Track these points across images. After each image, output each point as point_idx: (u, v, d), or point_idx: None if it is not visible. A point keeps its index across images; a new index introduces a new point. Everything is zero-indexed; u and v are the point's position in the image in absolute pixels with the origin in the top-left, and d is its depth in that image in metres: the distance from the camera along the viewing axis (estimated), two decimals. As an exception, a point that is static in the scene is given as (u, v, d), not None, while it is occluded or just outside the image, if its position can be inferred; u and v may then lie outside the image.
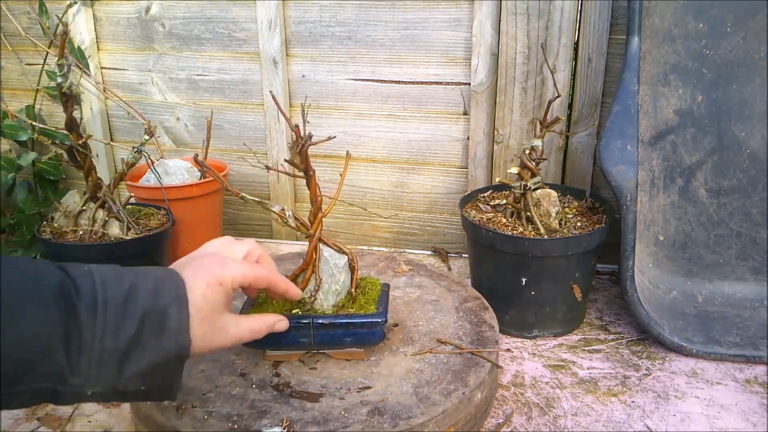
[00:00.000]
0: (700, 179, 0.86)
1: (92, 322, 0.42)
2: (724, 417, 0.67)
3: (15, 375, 0.40)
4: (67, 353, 0.41)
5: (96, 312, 0.42)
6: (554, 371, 0.76)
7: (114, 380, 0.44)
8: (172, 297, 0.47)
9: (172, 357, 0.46)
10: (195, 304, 0.48)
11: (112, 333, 0.43)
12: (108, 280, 0.44)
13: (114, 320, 0.43)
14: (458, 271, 1.05)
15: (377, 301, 0.67)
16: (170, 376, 0.48)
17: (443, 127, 1.07)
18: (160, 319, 0.45)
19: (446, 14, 1.01)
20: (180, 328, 0.46)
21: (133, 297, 0.45)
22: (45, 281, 0.42)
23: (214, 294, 0.50)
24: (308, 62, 1.10)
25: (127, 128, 1.25)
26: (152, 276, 0.47)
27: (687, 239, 0.87)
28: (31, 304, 0.40)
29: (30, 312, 0.40)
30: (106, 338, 0.42)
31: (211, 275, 0.51)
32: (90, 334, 0.42)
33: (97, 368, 0.42)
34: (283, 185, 1.18)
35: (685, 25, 0.83)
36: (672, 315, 0.82)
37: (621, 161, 0.78)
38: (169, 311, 0.46)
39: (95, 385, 0.43)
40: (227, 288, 0.52)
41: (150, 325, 0.45)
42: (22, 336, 0.39)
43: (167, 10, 1.13)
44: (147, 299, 0.45)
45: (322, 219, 0.65)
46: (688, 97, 0.85)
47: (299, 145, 0.59)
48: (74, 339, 0.41)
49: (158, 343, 0.45)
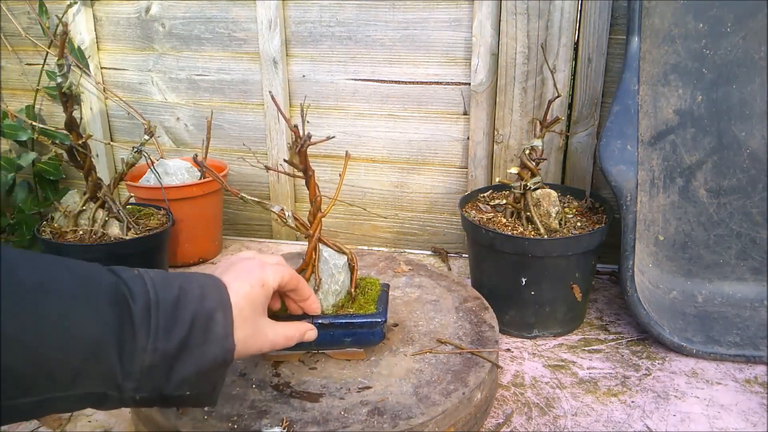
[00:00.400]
0: (700, 179, 0.86)
1: (146, 324, 0.41)
2: (724, 417, 0.67)
3: (69, 378, 0.39)
4: (120, 356, 0.40)
5: (149, 314, 0.42)
6: (554, 371, 0.76)
7: (162, 385, 0.43)
8: (217, 301, 0.47)
9: (218, 361, 0.46)
10: (237, 305, 0.48)
11: (163, 336, 0.42)
12: (158, 282, 0.44)
13: (166, 323, 0.42)
14: (458, 271, 1.05)
15: (377, 301, 0.67)
16: (214, 380, 0.47)
17: (443, 127, 1.07)
18: (207, 323, 0.45)
19: (446, 14, 1.01)
20: (225, 333, 0.46)
21: (183, 300, 0.44)
22: (99, 283, 0.41)
23: (257, 296, 0.50)
24: (308, 62, 1.10)
25: (127, 128, 1.25)
26: (197, 280, 0.47)
27: (687, 239, 0.87)
28: (87, 305, 0.40)
29: (86, 313, 0.39)
30: (159, 341, 0.42)
31: (253, 276, 0.51)
32: (144, 337, 0.41)
33: (148, 372, 0.42)
34: (283, 185, 1.18)
35: (685, 25, 0.83)
36: (672, 315, 0.82)
37: (621, 161, 0.78)
38: (215, 315, 0.46)
39: (144, 390, 0.42)
40: (268, 289, 0.52)
41: (198, 330, 0.44)
42: (78, 338, 0.38)
43: (167, 10, 1.13)
44: (195, 303, 0.45)
45: (321, 219, 0.65)
46: (688, 97, 0.85)
47: (298, 145, 0.59)
48: (128, 342, 0.41)
49: (205, 347, 0.44)
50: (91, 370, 0.39)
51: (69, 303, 0.39)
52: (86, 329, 0.39)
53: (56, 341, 0.37)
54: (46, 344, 0.37)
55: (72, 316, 0.39)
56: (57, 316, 0.38)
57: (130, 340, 0.41)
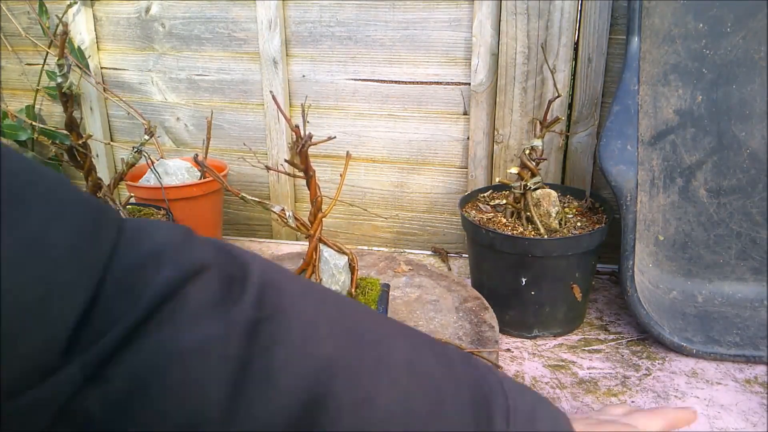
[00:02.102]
0: (700, 179, 0.86)
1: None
2: (724, 417, 0.67)
3: None
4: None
5: (507, 423, 0.36)
6: (554, 371, 0.76)
7: None
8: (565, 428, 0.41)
9: None
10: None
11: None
12: (512, 387, 0.38)
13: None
14: (458, 271, 1.05)
15: (377, 301, 0.67)
16: None
17: (443, 127, 1.07)
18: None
19: (446, 14, 1.01)
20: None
21: (540, 413, 0.39)
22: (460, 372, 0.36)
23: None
24: (308, 62, 1.10)
25: (127, 128, 1.25)
26: (546, 401, 0.41)
27: (687, 239, 0.87)
28: (447, 404, 0.34)
29: (449, 414, 0.34)
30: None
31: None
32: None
33: None
34: (283, 185, 1.18)
35: (685, 25, 0.83)
36: (672, 315, 0.82)
37: (621, 161, 0.78)
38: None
39: None
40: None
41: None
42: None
43: (167, 10, 1.13)
44: (548, 420, 0.39)
45: (322, 219, 0.65)
46: (688, 97, 0.85)
47: (299, 146, 0.59)
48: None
49: None
50: None
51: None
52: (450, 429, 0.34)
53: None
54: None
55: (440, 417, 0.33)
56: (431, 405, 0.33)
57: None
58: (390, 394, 0.32)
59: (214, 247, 0.33)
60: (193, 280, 0.30)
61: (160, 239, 0.31)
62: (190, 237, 0.33)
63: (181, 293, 0.29)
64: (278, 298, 0.32)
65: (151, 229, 0.31)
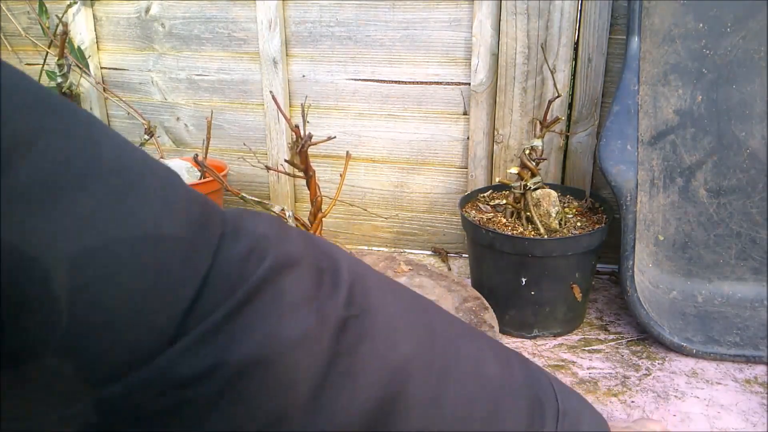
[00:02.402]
0: (700, 179, 0.86)
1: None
2: (724, 417, 0.67)
3: None
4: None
5: (557, 424, 0.36)
6: (554, 371, 0.76)
7: None
8: None
9: None
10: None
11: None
12: (561, 389, 0.39)
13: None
14: (458, 271, 1.05)
15: (377, 301, 0.67)
16: None
17: (443, 127, 1.07)
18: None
19: (446, 14, 1.01)
20: None
21: (584, 416, 0.39)
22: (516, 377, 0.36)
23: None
24: (308, 62, 1.10)
25: (127, 128, 1.25)
26: (589, 405, 0.42)
27: (687, 239, 0.87)
28: (506, 404, 0.34)
29: (507, 415, 0.34)
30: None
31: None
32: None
33: None
34: (283, 185, 1.18)
35: (685, 25, 0.83)
36: (672, 315, 0.82)
37: (621, 161, 0.78)
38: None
39: None
40: None
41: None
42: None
43: (167, 10, 1.13)
44: (593, 423, 0.39)
45: (322, 219, 0.65)
46: (688, 97, 0.85)
47: (299, 145, 0.59)
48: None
49: None
50: None
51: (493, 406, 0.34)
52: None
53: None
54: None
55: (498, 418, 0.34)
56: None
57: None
58: (456, 394, 0.32)
59: (305, 240, 0.33)
60: (288, 272, 0.29)
61: (260, 231, 0.31)
62: (285, 228, 0.33)
63: (279, 283, 0.29)
64: (365, 294, 0.32)
65: (250, 221, 0.32)
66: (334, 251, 0.34)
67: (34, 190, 0.23)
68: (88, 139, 0.26)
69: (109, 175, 0.25)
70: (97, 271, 0.24)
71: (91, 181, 0.25)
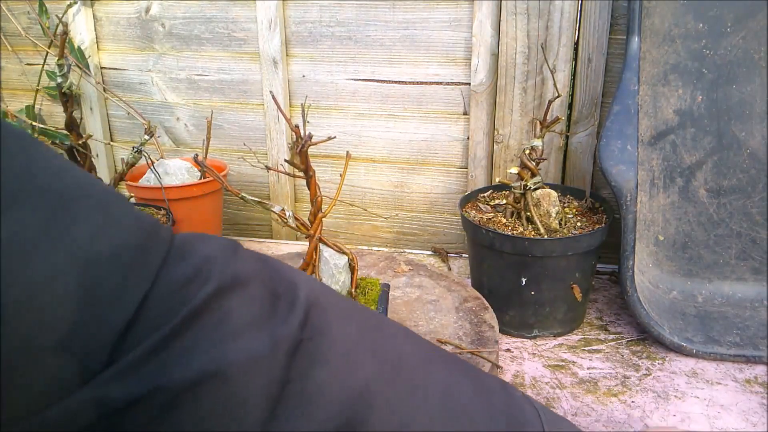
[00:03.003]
0: (700, 179, 0.86)
1: None
2: (724, 417, 0.67)
3: None
4: None
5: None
6: (554, 371, 0.76)
7: None
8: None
9: None
10: None
11: None
12: (549, 418, 0.38)
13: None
14: (458, 271, 1.05)
15: (377, 301, 0.67)
16: None
17: (443, 127, 1.07)
18: None
19: (446, 14, 1.01)
20: None
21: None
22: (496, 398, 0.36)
23: None
24: (308, 62, 1.10)
25: (127, 128, 1.25)
26: (579, 430, 0.42)
27: (687, 239, 0.87)
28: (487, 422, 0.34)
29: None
30: None
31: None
32: None
33: None
34: (283, 185, 1.18)
35: (685, 25, 0.83)
36: (672, 315, 0.82)
37: (621, 161, 0.78)
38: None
39: None
40: None
41: None
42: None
43: (167, 10, 1.13)
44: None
45: (322, 219, 0.65)
46: (688, 97, 0.85)
47: (299, 145, 0.59)
48: None
49: None
50: None
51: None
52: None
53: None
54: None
55: None
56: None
57: None
58: (424, 422, 0.32)
59: (260, 262, 0.33)
60: (235, 294, 0.29)
61: (207, 253, 0.30)
62: (236, 251, 0.32)
63: (224, 306, 0.28)
64: (323, 318, 0.31)
65: (199, 243, 0.31)
66: (293, 275, 0.33)
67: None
68: (23, 158, 0.25)
69: (42, 195, 0.25)
70: (20, 294, 0.23)
71: (22, 200, 0.24)
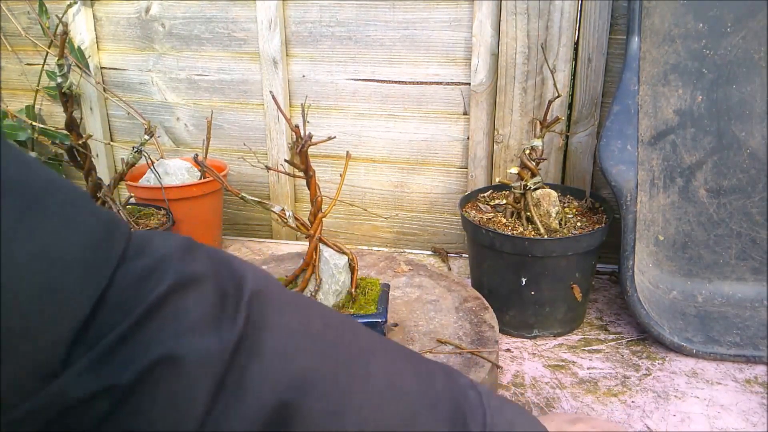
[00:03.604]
0: (700, 179, 0.86)
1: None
2: (724, 417, 0.67)
3: None
4: None
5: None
6: (554, 371, 0.76)
7: None
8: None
9: None
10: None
11: None
12: (493, 403, 0.39)
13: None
14: (458, 271, 1.05)
15: (377, 301, 0.67)
16: None
17: (443, 127, 1.07)
18: None
19: (446, 14, 1.01)
20: None
21: (519, 426, 0.39)
22: (438, 388, 0.37)
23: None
24: (308, 62, 1.10)
25: (127, 128, 1.25)
26: (528, 416, 0.42)
27: (687, 239, 0.87)
28: (422, 420, 0.34)
29: (423, 430, 0.34)
30: None
31: None
32: None
33: None
34: (283, 185, 1.18)
35: (685, 25, 0.83)
36: (672, 315, 0.82)
37: (621, 161, 0.78)
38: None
39: None
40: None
41: None
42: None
43: (167, 10, 1.13)
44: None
45: (322, 219, 0.65)
46: (688, 97, 0.85)
47: (299, 146, 0.59)
48: None
49: None
50: None
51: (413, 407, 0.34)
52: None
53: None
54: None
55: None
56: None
57: None
58: (362, 408, 0.33)
59: (214, 259, 0.34)
60: (188, 291, 0.30)
61: (163, 251, 0.31)
62: (192, 248, 0.33)
63: (179, 303, 0.29)
64: (263, 311, 0.32)
65: (157, 241, 0.32)
66: (243, 269, 0.34)
67: None
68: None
69: (8, 194, 0.25)
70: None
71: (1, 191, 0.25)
